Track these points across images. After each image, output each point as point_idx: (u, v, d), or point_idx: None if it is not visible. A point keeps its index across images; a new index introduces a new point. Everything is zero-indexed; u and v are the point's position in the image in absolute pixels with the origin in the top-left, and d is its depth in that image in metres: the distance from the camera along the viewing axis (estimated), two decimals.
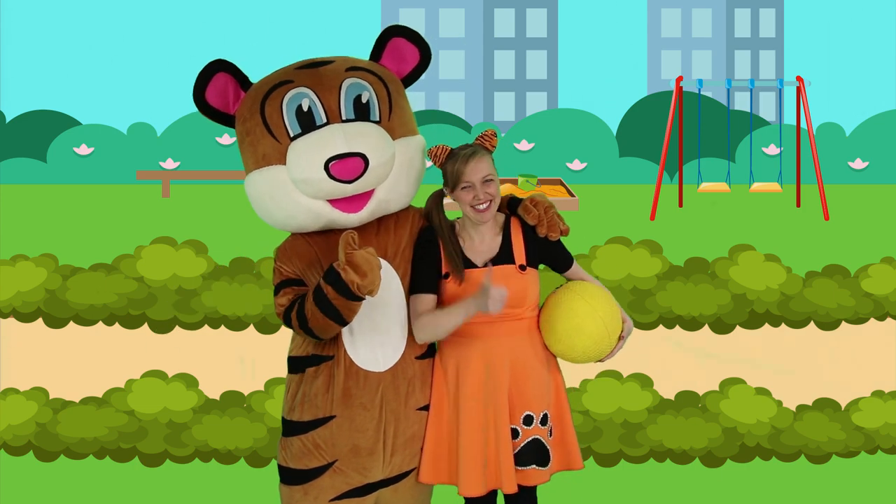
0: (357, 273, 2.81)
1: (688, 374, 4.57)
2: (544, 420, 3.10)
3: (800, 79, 14.62)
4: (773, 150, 21.50)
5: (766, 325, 4.53)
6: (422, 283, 3.07)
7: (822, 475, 4.53)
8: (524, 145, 22.33)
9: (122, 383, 4.55)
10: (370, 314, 3.01)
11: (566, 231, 3.14)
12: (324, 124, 3.01)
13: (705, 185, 14.63)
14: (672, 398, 4.56)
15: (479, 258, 3.09)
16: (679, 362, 4.56)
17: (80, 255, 5.46)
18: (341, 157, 2.94)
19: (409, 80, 3.24)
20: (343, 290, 2.83)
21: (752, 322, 4.52)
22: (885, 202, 16.59)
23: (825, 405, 4.57)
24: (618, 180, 22.01)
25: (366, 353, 3.02)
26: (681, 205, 15.44)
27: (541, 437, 3.08)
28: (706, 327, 4.53)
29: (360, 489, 3.06)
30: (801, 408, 4.57)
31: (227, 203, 14.72)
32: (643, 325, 4.49)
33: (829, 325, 4.53)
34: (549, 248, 3.16)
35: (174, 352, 4.54)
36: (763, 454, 4.53)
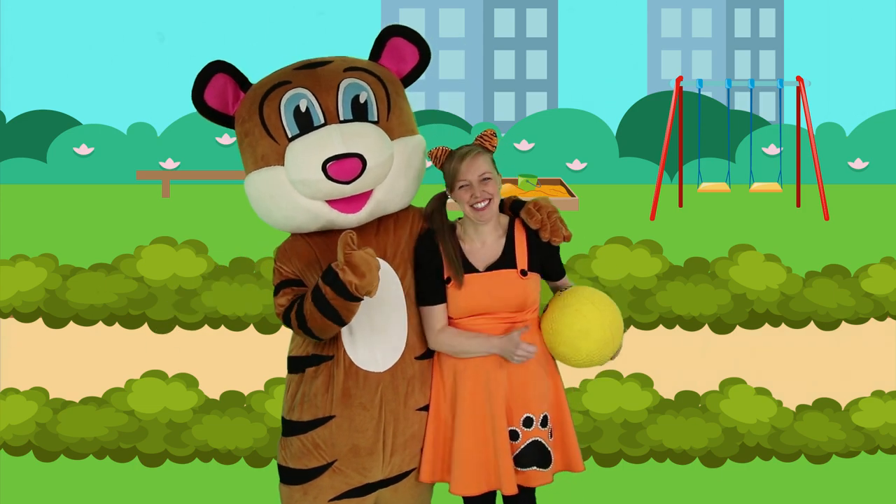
0: (355, 273, 2.81)
1: (688, 374, 4.57)
2: (544, 422, 3.09)
3: (800, 79, 14.62)
4: (773, 150, 21.50)
5: (766, 325, 4.53)
6: (431, 295, 3.05)
7: (822, 475, 4.54)
8: (524, 145, 22.33)
9: (122, 383, 4.55)
10: (370, 314, 3.01)
11: (569, 237, 3.11)
12: (321, 125, 3.01)
13: (705, 185, 14.63)
14: (672, 398, 4.56)
15: (480, 262, 3.07)
16: (679, 362, 4.56)
17: (80, 255, 5.46)
18: (339, 158, 2.93)
19: (409, 79, 3.23)
20: (341, 291, 2.83)
21: (752, 322, 4.52)
22: (885, 202, 16.58)
23: (825, 405, 4.57)
24: (618, 180, 22.01)
25: (365, 354, 3.02)
26: (681, 205, 15.43)
27: (541, 439, 3.08)
28: (706, 327, 4.53)
29: (359, 489, 3.06)
30: (801, 408, 4.57)
31: (227, 203, 14.71)
32: (643, 325, 4.49)
33: (829, 325, 4.53)
34: (548, 255, 3.13)
35: (174, 352, 4.54)
36: (763, 454, 4.53)
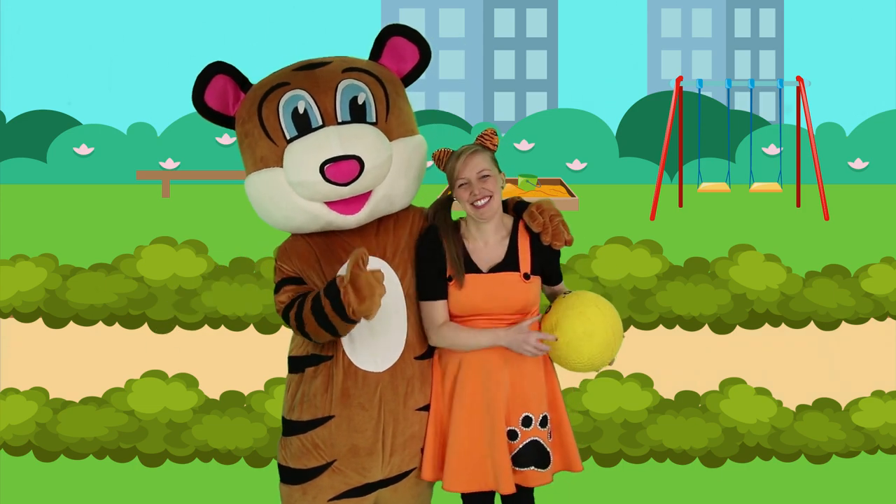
0: (357, 296, 2.80)
1: (688, 374, 4.56)
2: (544, 422, 3.09)
3: (800, 79, 14.63)
4: (773, 150, 21.51)
5: (766, 325, 4.53)
6: (433, 290, 3.05)
7: (822, 475, 4.53)
8: (524, 145, 22.34)
9: (122, 383, 4.55)
10: None
11: (570, 241, 3.09)
12: (319, 127, 3.01)
13: (705, 185, 14.64)
14: (672, 398, 4.56)
15: (483, 263, 3.06)
16: (679, 362, 4.56)
17: (80, 255, 5.47)
18: (336, 160, 2.93)
19: (409, 79, 3.23)
20: (338, 309, 2.83)
21: (752, 322, 4.52)
22: (885, 202, 16.59)
23: (825, 405, 4.57)
24: (618, 180, 22.02)
25: (364, 354, 3.02)
26: (681, 205, 15.44)
27: (540, 439, 3.07)
28: (706, 327, 4.53)
29: (358, 489, 3.06)
30: (801, 408, 4.57)
31: (227, 203, 14.72)
32: (643, 325, 4.49)
33: (829, 325, 4.53)
34: (549, 258, 3.12)
35: (174, 352, 4.54)
36: (763, 454, 4.52)
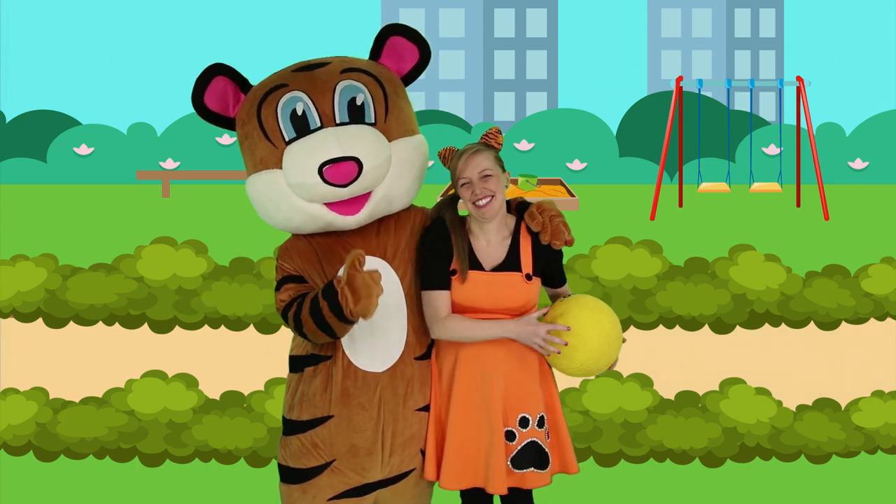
0: (354, 297, 2.80)
1: (688, 374, 4.56)
2: (541, 422, 3.08)
3: (800, 79, 14.63)
4: (773, 150, 21.52)
5: (766, 325, 4.53)
6: (437, 279, 3.03)
7: (822, 475, 4.53)
8: (524, 145, 22.35)
9: (122, 383, 4.55)
10: None
11: (571, 242, 3.07)
12: (318, 128, 3.01)
13: (705, 185, 14.65)
14: (672, 398, 4.56)
15: (487, 262, 3.06)
16: (679, 362, 4.56)
17: (80, 255, 5.48)
18: (335, 162, 2.93)
19: (409, 78, 3.22)
20: (336, 311, 2.83)
21: (752, 322, 4.52)
22: (885, 202, 16.60)
23: (825, 405, 4.57)
24: (618, 180, 22.03)
25: (364, 354, 3.02)
26: (681, 205, 15.45)
27: (538, 440, 3.07)
28: (706, 327, 4.53)
29: (358, 489, 3.06)
30: (801, 408, 4.57)
31: (227, 203, 14.73)
32: (643, 325, 4.49)
33: (829, 325, 4.53)
34: (551, 260, 3.11)
35: (174, 352, 4.54)
36: (763, 454, 4.52)
